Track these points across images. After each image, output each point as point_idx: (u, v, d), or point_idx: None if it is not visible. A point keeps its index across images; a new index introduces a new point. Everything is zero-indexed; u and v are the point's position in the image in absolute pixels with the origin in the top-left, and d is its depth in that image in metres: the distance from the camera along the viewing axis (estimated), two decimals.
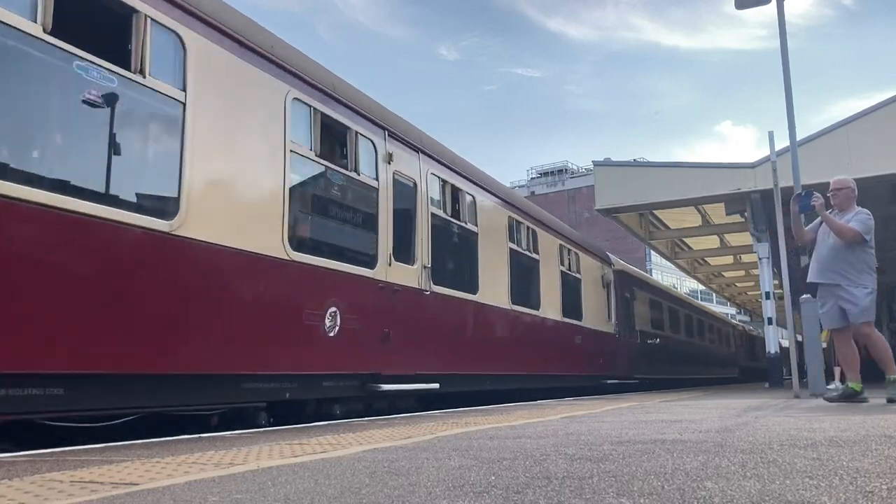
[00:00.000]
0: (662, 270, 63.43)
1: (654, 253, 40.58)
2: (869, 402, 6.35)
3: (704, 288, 38.03)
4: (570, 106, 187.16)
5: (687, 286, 62.75)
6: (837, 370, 12.32)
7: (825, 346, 12.11)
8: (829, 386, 10.05)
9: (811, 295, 7.75)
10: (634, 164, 20.91)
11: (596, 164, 18.00)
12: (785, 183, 10.08)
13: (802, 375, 9.97)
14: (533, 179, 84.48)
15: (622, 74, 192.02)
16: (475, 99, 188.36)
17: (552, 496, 1.85)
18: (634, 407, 6.76)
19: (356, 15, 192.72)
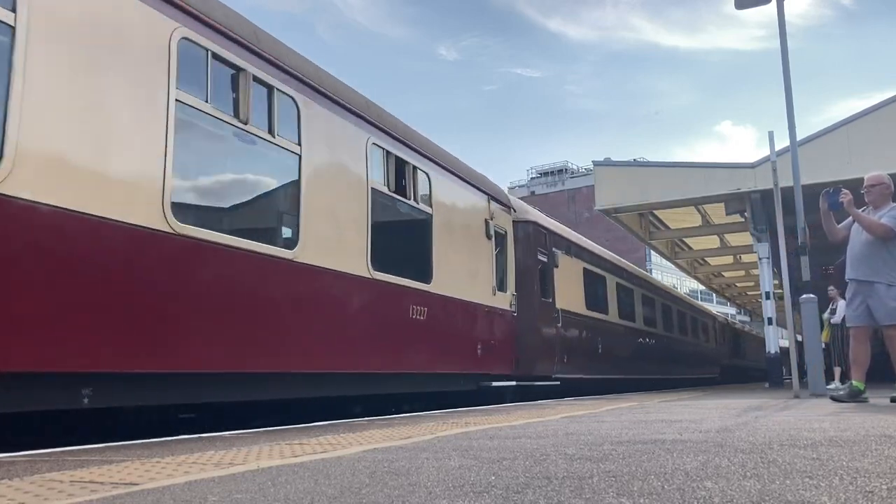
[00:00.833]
0: (662, 270, 63.45)
1: (654, 253, 40.59)
2: (870, 401, 6.36)
3: (705, 288, 37.99)
4: (570, 106, 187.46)
5: (687, 286, 62.78)
6: (837, 370, 12.35)
7: (824, 346, 12.13)
8: (828, 386, 10.06)
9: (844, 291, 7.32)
10: (634, 164, 20.90)
11: (596, 163, 18.00)
12: (785, 183, 10.08)
13: (802, 375, 9.97)
14: (533, 179, 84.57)
15: (622, 74, 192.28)
16: (475, 99, 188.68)
17: (552, 496, 1.85)
18: (634, 407, 6.77)
19: (355, 15, 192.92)
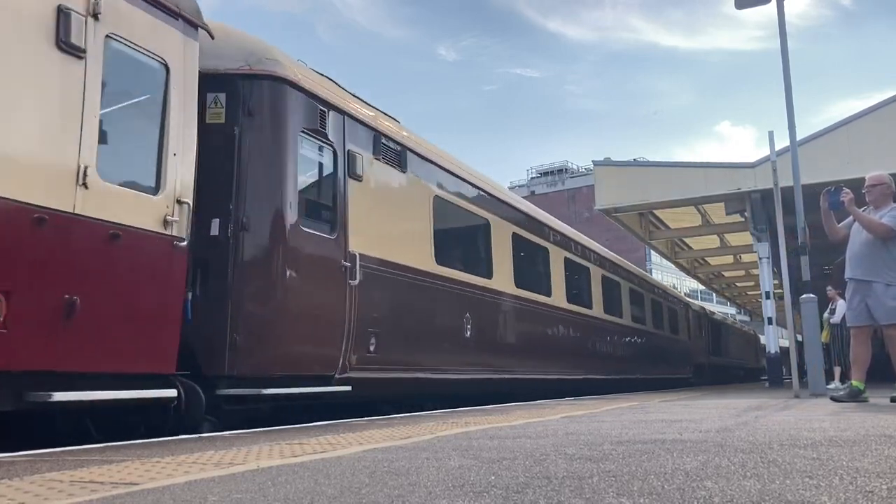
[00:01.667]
0: (662, 270, 63.37)
1: (654, 253, 40.55)
2: (870, 401, 6.35)
3: (705, 288, 37.96)
4: (570, 106, 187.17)
5: (687, 286, 62.74)
6: (837, 370, 12.35)
7: (824, 346, 12.13)
8: (828, 386, 10.06)
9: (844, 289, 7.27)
10: (634, 163, 20.84)
11: (596, 163, 17.97)
12: (785, 183, 10.08)
13: (802, 375, 9.97)
14: (533, 179, 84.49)
15: (621, 74, 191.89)
16: (475, 99, 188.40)
17: (552, 496, 1.85)
18: (634, 407, 6.76)
19: (355, 15, 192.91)
